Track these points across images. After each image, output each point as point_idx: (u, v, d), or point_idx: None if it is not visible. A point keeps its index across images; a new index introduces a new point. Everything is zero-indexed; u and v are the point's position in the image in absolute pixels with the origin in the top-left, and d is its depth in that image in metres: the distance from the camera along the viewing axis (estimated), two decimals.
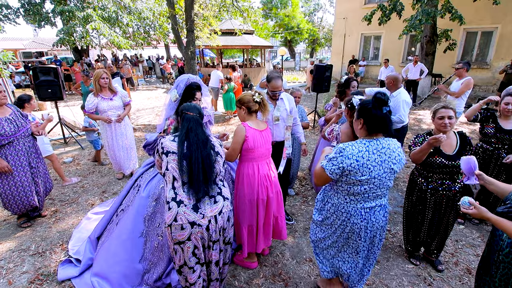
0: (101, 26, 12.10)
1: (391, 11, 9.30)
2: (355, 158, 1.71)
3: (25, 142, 3.13)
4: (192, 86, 2.50)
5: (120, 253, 2.40)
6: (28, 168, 3.14)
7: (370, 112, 1.75)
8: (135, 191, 2.63)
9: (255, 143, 2.29)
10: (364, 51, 15.74)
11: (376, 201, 1.86)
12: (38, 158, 3.30)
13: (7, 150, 2.98)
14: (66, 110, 8.12)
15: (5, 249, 2.92)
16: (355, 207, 1.85)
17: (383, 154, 1.76)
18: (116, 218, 2.65)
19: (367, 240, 1.93)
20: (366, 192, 1.80)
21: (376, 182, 1.77)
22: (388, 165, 1.77)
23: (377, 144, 1.76)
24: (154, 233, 2.42)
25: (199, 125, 1.88)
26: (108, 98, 4.10)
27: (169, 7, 8.07)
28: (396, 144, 1.84)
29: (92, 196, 4.01)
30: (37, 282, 2.50)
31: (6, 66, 8.47)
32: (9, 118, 3.01)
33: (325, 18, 36.79)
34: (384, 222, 1.94)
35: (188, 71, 8.36)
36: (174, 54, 23.16)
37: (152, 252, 2.41)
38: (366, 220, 1.86)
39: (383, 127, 1.77)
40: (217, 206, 1.87)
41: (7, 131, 2.94)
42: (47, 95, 5.84)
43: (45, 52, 22.11)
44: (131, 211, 2.49)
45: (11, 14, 14.25)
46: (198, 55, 15.37)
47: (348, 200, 1.87)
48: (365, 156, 1.72)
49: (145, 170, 2.71)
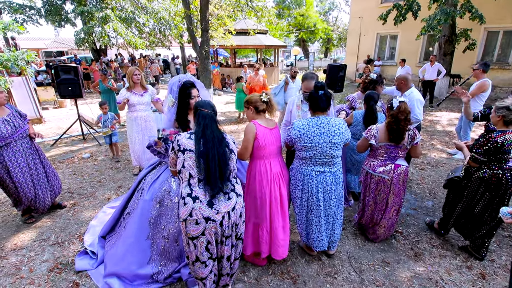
0: (118, 26, 12.43)
1: (407, 11, 9.11)
2: (298, 129, 2.34)
3: (22, 143, 3.10)
4: (186, 85, 2.48)
5: (128, 255, 2.45)
6: (26, 169, 3.11)
7: (311, 95, 2.39)
8: (138, 194, 2.65)
9: (266, 141, 2.32)
10: (380, 51, 15.46)
11: (325, 167, 2.41)
12: (38, 159, 3.27)
13: (4, 151, 2.96)
14: (85, 107, 8.39)
15: (27, 239, 3.08)
16: (307, 169, 2.42)
17: (322, 127, 2.31)
18: (124, 221, 2.72)
19: (321, 200, 2.44)
20: (312, 158, 2.37)
21: (318, 149, 2.33)
22: (327, 136, 2.31)
23: (317, 120, 2.34)
24: (159, 236, 2.46)
25: (214, 122, 1.93)
26: (139, 94, 4.32)
27: (185, 7, 8.21)
28: (337, 121, 2.37)
29: (108, 190, 4.15)
30: (56, 271, 2.62)
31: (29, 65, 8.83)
32: (6, 119, 2.98)
33: (340, 18, 36.37)
34: (335, 186, 2.46)
35: (202, 70, 8.49)
36: (189, 54, 23.45)
37: (159, 254, 2.45)
38: (317, 181, 2.41)
39: (319, 106, 2.35)
40: (230, 202, 1.91)
41: (3, 133, 2.91)
42: (68, 93, 6.07)
43: (65, 51, 22.86)
44: (136, 215, 2.52)
45: (34, 15, 14.85)
46: (212, 55, 15.52)
47: (301, 163, 2.45)
48: (306, 128, 2.33)
49: (147, 172, 2.73)
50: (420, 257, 2.82)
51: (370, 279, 2.55)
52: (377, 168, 2.73)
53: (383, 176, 2.71)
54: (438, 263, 2.74)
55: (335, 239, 2.66)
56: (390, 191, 2.74)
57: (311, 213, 2.51)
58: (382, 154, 2.72)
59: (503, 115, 2.38)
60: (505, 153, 2.39)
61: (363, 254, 2.86)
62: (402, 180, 2.72)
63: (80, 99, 7.07)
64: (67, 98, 6.59)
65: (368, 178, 2.81)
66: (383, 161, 2.73)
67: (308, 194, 2.46)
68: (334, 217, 2.56)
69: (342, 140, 2.36)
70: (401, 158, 2.73)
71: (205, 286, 2.04)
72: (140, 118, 4.39)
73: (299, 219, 2.61)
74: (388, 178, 2.70)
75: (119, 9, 13.94)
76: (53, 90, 10.43)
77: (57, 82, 6.00)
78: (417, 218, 3.46)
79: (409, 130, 2.60)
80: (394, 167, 2.70)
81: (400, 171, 2.70)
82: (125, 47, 16.20)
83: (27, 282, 2.49)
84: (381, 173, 2.71)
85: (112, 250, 2.60)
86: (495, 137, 2.38)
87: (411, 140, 2.62)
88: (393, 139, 2.58)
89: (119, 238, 2.62)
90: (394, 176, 2.70)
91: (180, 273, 2.46)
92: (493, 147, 2.39)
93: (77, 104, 6.50)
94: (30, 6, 14.59)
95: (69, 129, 6.52)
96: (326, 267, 2.69)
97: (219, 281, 2.15)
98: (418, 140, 2.64)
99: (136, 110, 4.35)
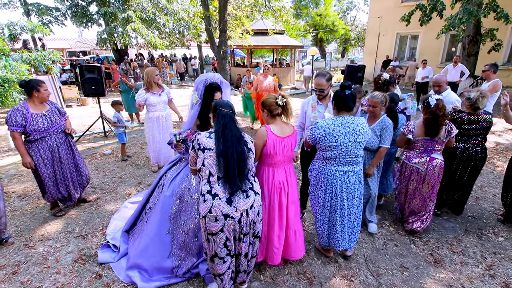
0: (140, 27, 12.77)
1: (432, 11, 8.84)
2: (323, 128, 2.30)
3: (57, 138, 3.27)
4: (211, 87, 2.51)
5: (149, 248, 2.53)
6: (58, 162, 3.31)
7: (336, 95, 2.37)
8: (159, 189, 2.73)
9: (274, 149, 2.24)
10: (400, 51, 15.10)
11: (349, 167, 2.41)
12: (71, 154, 3.45)
13: (39, 144, 3.15)
14: (107, 106, 8.66)
15: (53, 230, 3.23)
16: (331, 169, 2.41)
17: (347, 127, 2.30)
18: (146, 216, 2.80)
19: (345, 200, 2.45)
20: (336, 157, 2.35)
21: (343, 149, 2.31)
22: (352, 135, 2.30)
23: (342, 119, 2.33)
24: (179, 231, 2.52)
25: (233, 121, 1.97)
26: (157, 94, 4.45)
27: (204, 8, 8.33)
28: (360, 120, 2.37)
29: (129, 186, 4.28)
30: (80, 262, 2.75)
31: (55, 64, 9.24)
32: (45, 114, 3.16)
33: (359, 17, 35.73)
34: (358, 185, 2.48)
35: (219, 70, 8.59)
36: (206, 54, 23.73)
37: (179, 248, 2.52)
38: (341, 181, 2.40)
39: (347, 105, 2.33)
40: (249, 200, 1.94)
41: (40, 127, 3.09)
42: (91, 91, 6.30)
43: (88, 51, 23.67)
44: (157, 210, 2.60)
45: (59, 17, 15.48)
46: (229, 55, 15.66)
47: (324, 164, 2.44)
48: (331, 127, 2.30)
49: (168, 169, 2.80)
50: (440, 263, 2.75)
51: (388, 284, 2.51)
52: (412, 159, 2.99)
53: (417, 167, 2.95)
54: (459, 270, 2.67)
55: (354, 239, 2.67)
56: (425, 181, 2.96)
57: (335, 213, 2.52)
58: (419, 147, 2.96)
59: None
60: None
61: (381, 258, 2.82)
62: (437, 173, 2.93)
63: (102, 98, 7.31)
64: (90, 97, 6.83)
65: (403, 167, 3.09)
66: (419, 153, 2.97)
67: (332, 195, 2.47)
68: (355, 216, 2.59)
69: (365, 139, 2.39)
70: (437, 152, 2.94)
71: (223, 282, 2.08)
72: (161, 118, 4.52)
73: (321, 219, 2.60)
74: (422, 170, 2.93)
75: (141, 10, 14.32)
76: (77, 88, 10.83)
77: (81, 80, 6.24)
78: (437, 223, 3.37)
79: (446, 125, 2.83)
80: (429, 160, 2.92)
81: (435, 164, 2.91)
82: (146, 47, 16.63)
83: (53, 272, 2.62)
84: (416, 164, 2.96)
85: (135, 243, 2.69)
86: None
87: (447, 134, 2.84)
88: (429, 133, 2.83)
89: (142, 232, 2.71)
90: (429, 168, 2.91)
91: (198, 269, 2.52)
92: None
93: (100, 102, 6.73)
94: (56, 8, 15.21)
95: (91, 127, 6.77)
96: (342, 269, 2.68)
97: (236, 278, 2.19)
98: (454, 134, 2.86)
99: (157, 110, 4.47)
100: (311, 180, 2.58)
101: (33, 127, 3.06)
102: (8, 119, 2.97)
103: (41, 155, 3.19)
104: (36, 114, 3.10)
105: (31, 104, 3.13)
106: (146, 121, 4.60)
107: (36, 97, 3.12)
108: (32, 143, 3.15)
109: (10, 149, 6.02)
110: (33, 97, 3.12)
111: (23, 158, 3.10)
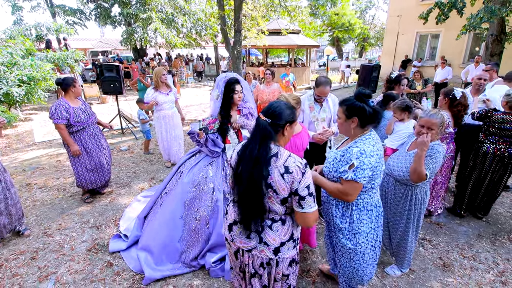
0: (160, 27, 13.13)
1: (450, 9, 8.53)
2: (375, 153, 1.70)
3: (94, 128, 3.64)
4: (231, 81, 2.66)
5: (162, 231, 2.66)
6: (100, 148, 3.67)
7: (359, 107, 1.71)
8: (177, 176, 2.87)
9: None
10: (419, 50, 14.65)
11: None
12: (105, 141, 3.81)
13: (82, 135, 3.50)
14: (125, 104, 8.96)
15: (70, 220, 3.41)
16: (378, 198, 1.90)
17: (379, 144, 1.84)
18: (160, 200, 2.93)
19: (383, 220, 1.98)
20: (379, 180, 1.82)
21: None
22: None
23: (374, 134, 1.81)
24: (192, 217, 2.63)
25: (266, 137, 1.49)
26: (165, 93, 4.60)
27: (219, 8, 8.45)
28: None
29: (142, 181, 4.43)
30: (93, 251, 2.89)
31: (78, 64, 9.68)
32: (82, 107, 3.50)
33: (377, 16, 34.92)
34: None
35: (234, 70, 8.68)
36: (221, 54, 23.97)
37: (189, 234, 2.62)
38: (381, 206, 1.92)
39: (374, 120, 1.75)
40: (249, 242, 1.57)
41: (82, 119, 3.44)
42: (110, 89, 6.55)
43: (109, 51, 24.49)
44: (173, 195, 2.74)
45: (83, 19, 16.16)
46: (244, 55, 15.76)
47: (371, 196, 1.85)
48: (378, 147, 1.74)
49: (188, 158, 2.93)
50: (449, 267, 2.68)
51: (393, 285, 2.48)
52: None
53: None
54: (469, 275, 2.59)
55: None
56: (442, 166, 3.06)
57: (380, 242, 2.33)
58: (447, 138, 3.15)
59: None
60: None
61: (386, 260, 2.79)
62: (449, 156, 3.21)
63: (120, 96, 7.57)
64: (109, 95, 7.12)
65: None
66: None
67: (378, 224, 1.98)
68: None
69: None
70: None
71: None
72: (168, 117, 4.67)
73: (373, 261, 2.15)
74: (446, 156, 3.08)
75: (160, 11, 14.72)
76: (97, 87, 11.25)
77: (101, 79, 6.49)
78: (449, 227, 3.28)
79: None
80: (447, 146, 3.17)
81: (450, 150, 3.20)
82: (165, 46, 17.08)
83: (68, 259, 2.77)
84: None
85: (149, 225, 2.83)
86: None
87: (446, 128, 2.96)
88: (456, 124, 3.00)
89: (156, 214, 2.84)
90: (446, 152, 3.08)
91: (204, 260, 2.59)
92: None
93: (118, 100, 6.98)
94: (80, 10, 15.88)
95: (110, 123, 7.02)
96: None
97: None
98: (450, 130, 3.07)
99: (164, 109, 4.61)
100: (353, 226, 1.90)
101: (76, 119, 3.38)
102: (54, 113, 3.25)
103: (86, 143, 3.52)
104: (76, 108, 3.41)
105: (68, 99, 3.42)
106: (155, 120, 4.79)
107: (72, 92, 3.43)
108: (75, 134, 3.46)
109: (35, 143, 6.36)
110: (70, 92, 3.42)
111: (72, 147, 3.41)
